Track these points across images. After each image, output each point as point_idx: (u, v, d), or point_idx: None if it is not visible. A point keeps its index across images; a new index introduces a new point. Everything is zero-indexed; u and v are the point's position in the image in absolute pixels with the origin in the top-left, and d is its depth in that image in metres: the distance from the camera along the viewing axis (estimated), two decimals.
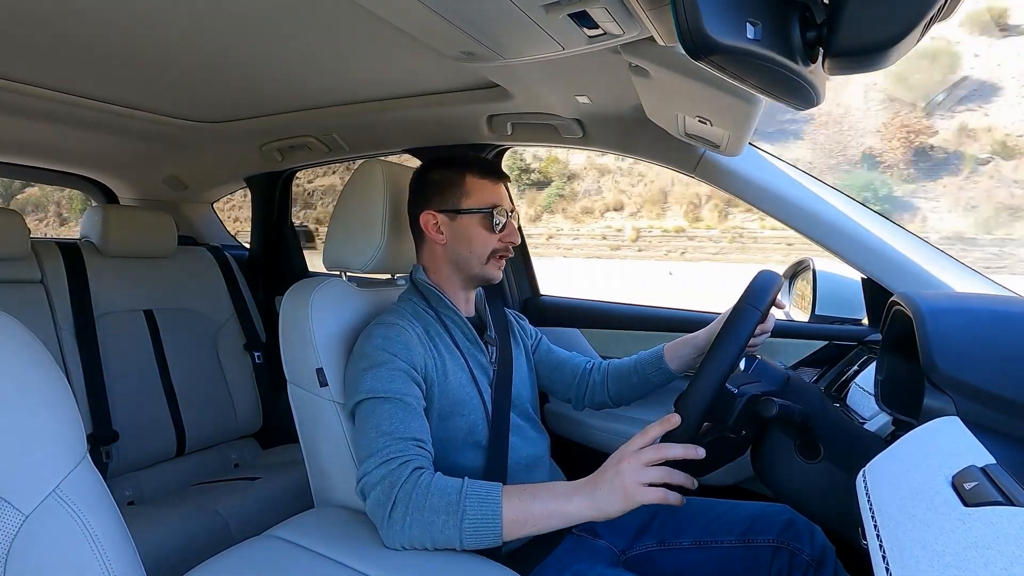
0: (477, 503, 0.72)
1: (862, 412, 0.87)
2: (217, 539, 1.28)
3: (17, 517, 0.54)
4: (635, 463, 0.73)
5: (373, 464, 0.78)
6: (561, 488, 0.75)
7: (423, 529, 0.73)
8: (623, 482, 0.72)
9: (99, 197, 2.19)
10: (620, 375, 1.12)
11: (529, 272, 1.70)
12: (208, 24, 0.96)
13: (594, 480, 0.74)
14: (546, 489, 0.75)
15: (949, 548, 0.36)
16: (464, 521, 0.71)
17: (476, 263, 0.99)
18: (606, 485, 0.73)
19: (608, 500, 0.72)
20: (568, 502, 0.74)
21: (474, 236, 0.98)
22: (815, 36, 0.50)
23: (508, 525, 0.72)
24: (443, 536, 0.73)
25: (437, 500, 0.73)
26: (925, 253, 1.08)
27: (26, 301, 1.46)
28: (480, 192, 0.99)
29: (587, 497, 0.73)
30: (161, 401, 1.61)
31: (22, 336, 0.60)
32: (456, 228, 0.99)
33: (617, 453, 0.75)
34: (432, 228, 1.00)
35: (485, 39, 0.86)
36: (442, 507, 0.72)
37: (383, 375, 0.85)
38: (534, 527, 0.74)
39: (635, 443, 0.75)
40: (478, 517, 0.72)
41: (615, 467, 0.73)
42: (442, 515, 0.72)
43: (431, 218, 1.00)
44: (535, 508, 0.73)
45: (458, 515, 0.72)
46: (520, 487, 0.76)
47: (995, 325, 0.62)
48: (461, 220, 0.99)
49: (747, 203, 1.18)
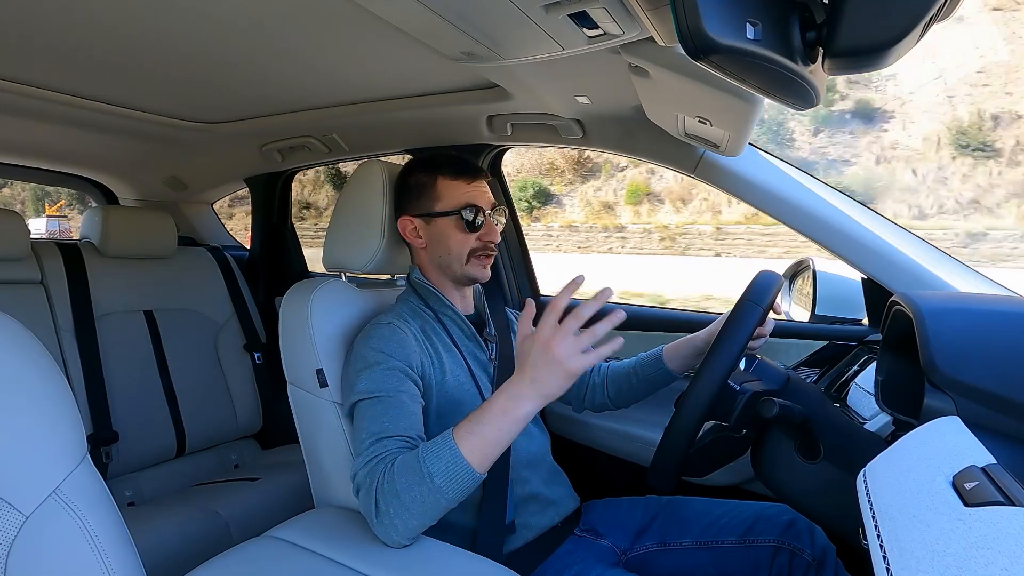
0: (436, 459, 0.72)
1: (862, 412, 0.87)
2: (217, 539, 1.28)
3: (17, 518, 0.54)
4: (562, 336, 0.71)
5: (359, 465, 0.78)
6: (503, 400, 0.74)
7: (405, 511, 0.72)
8: (557, 357, 0.71)
9: (99, 197, 2.19)
10: (619, 377, 1.11)
11: (529, 272, 1.70)
12: (208, 24, 0.96)
13: (527, 372, 0.73)
14: (493, 409, 0.74)
15: (950, 548, 0.36)
16: (435, 480, 0.71)
17: (456, 264, 0.99)
18: (543, 369, 0.72)
19: (550, 382, 0.72)
20: (516, 407, 0.73)
21: (450, 238, 0.98)
22: (815, 36, 0.50)
23: (476, 460, 0.72)
24: (427, 506, 0.72)
25: (403, 478, 0.73)
26: (925, 253, 1.08)
27: (26, 302, 1.46)
28: (452, 193, 0.99)
29: (530, 391, 0.73)
30: (161, 402, 1.61)
31: (22, 337, 0.60)
32: (432, 232, 1.00)
33: (533, 337, 0.73)
34: (411, 233, 1.01)
35: (485, 39, 0.86)
36: (411, 482, 0.72)
37: (377, 375, 0.85)
38: (500, 446, 0.74)
39: (549, 320, 0.73)
40: (444, 470, 0.71)
41: (543, 349, 0.71)
42: (414, 488, 0.72)
43: (408, 223, 1.01)
44: (489, 432, 0.73)
45: (427, 479, 0.71)
46: (469, 419, 0.75)
47: (995, 325, 0.62)
48: (436, 223, 0.99)
49: (747, 203, 1.18)
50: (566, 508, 1.01)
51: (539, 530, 0.95)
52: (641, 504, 1.06)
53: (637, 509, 1.05)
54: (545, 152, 18.25)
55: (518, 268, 1.68)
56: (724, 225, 16.04)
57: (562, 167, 19.78)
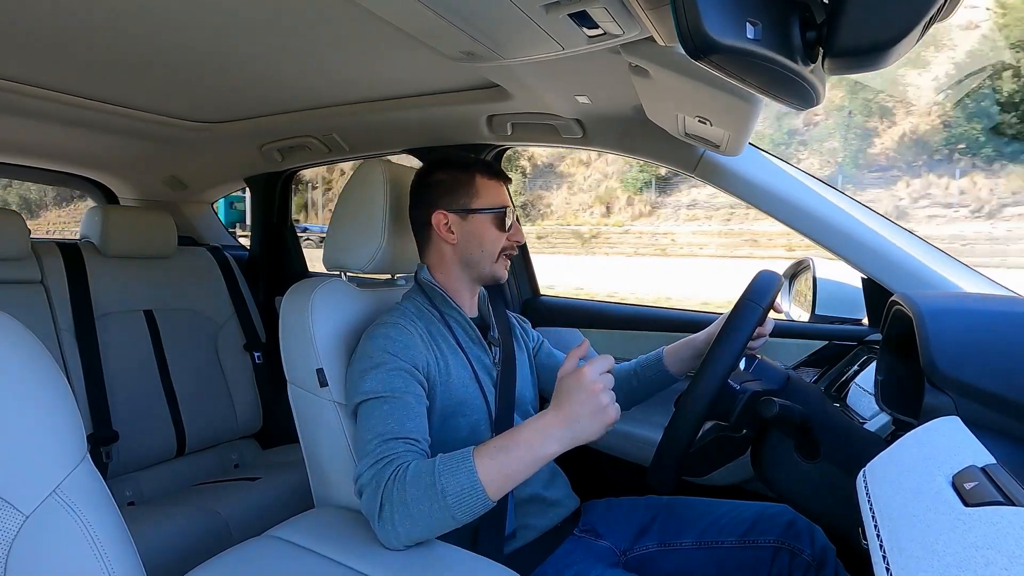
0: (452, 479, 0.71)
1: (862, 412, 0.87)
2: (217, 539, 1.28)
3: (17, 518, 0.54)
4: (601, 387, 0.73)
5: (364, 466, 0.78)
6: (534, 435, 0.73)
7: (411, 521, 0.72)
8: (602, 404, 0.72)
9: (99, 197, 2.19)
10: (620, 380, 1.11)
11: (529, 273, 1.70)
12: (208, 24, 0.96)
13: (566, 411, 0.73)
14: (519, 440, 0.73)
15: (949, 548, 0.36)
16: (447, 498, 0.71)
17: (487, 262, 1.00)
18: (585, 413, 0.72)
19: (588, 427, 0.73)
20: (544, 446, 0.73)
21: (485, 235, 0.99)
22: (815, 36, 0.50)
23: (491, 487, 0.72)
24: (432, 520, 0.72)
25: (414, 489, 0.72)
26: (925, 253, 1.08)
27: (26, 302, 1.46)
28: (489, 192, 1.00)
29: (564, 431, 0.73)
30: (161, 401, 1.61)
31: (22, 337, 0.60)
32: (467, 228, 0.99)
33: (578, 376, 0.74)
34: (444, 228, 1.00)
35: (485, 39, 0.86)
36: (421, 494, 0.71)
37: (383, 375, 0.85)
38: (518, 479, 0.74)
39: (601, 367, 0.74)
40: (459, 492, 0.71)
41: (590, 393, 0.72)
42: (424, 502, 0.71)
43: (443, 218, 1.00)
44: (511, 464, 0.72)
45: (438, 496, 0.71)
46: (493, 444, 0.74)
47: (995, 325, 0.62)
48: (473, 219, 0.99)
49: (747, 203, 1.18)
50: (566, 508, 1.01)
51: (539, 531, 0.95)
52: (641, 504, 1.06)
53: (637, 509, 1.05)
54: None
55: (518, 269, 1.68)
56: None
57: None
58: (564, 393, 0.74)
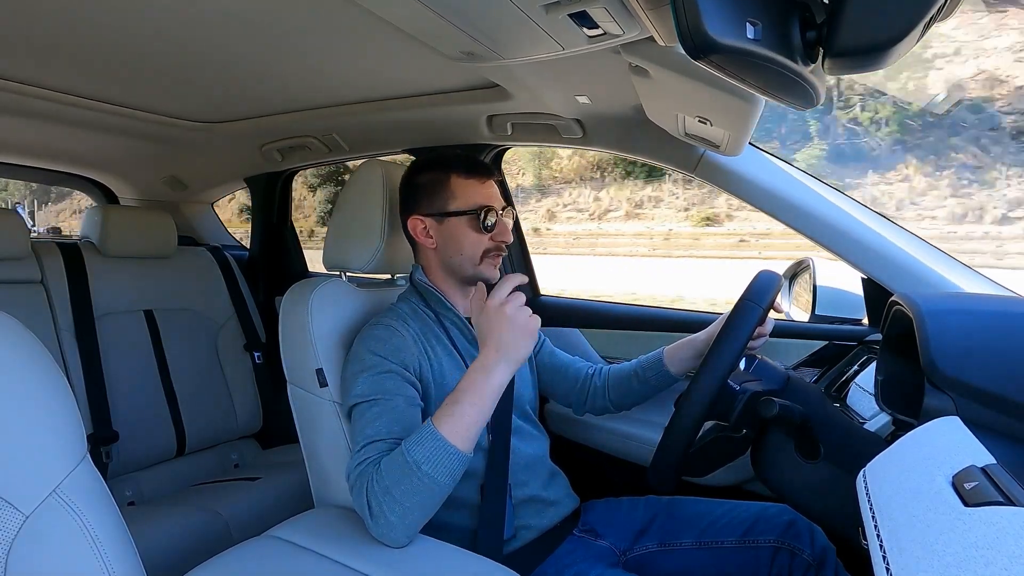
0: (419, 447, 0.73)
1: (862, 412, 0.87)
2: (217, 539, 1.28)
3: (17, 517, 0.54)
4: (515, 306, 0.78)
5: (349, 468, 0.79)
6: (474, 375, 0.78)
7: (398, 506, 0.73)
8: (518, 321, 0.77)
9: (99, 197, 2.19)
10: (620, 380, 1.11)
11: (529, 273, 1.70)
12: (208, 24, 0.96)
13: (492, 342, 0.78)
14: (464, 388, 0.77)
15: (949, 548, 0.36)
16: (422, 468, 0.72)
17: (468, 265, 0.98)
18: (507, 334, 0.77)
19: (516, 344, 0.77)
20: (488, 379, 0.77)
21: (463, 238, 0.96)
22: (815, 36, 0.50)
23: (457, 439, 0.74)
24: (420, 496, 0.73)
25: (391, 475, 0.73)
26: (925, 253, 1.08)
27: (26, 301, 1.46)
28: (466, 192, 0.97)
29: (498, 358, 0.77)
30: (161, 401, 1.61)
31: (22, 336, 0.60)
32: (445, 231, 0.98)
33: (488, 312, 0.79)
34: (421, 233, 0.99)
35: (485, 39, 0.86)
36: (399, 476, 0.73)
37: (373, 378, 0.85)
38: (480, 421, 0.77)
39: (504, 288, 0.80)
40: (429, 456, 0.73)
41: (502, 319, 0.77)
42: (404, 482, 0.73)
43: (419, 223, 0.99)
44: (467, 410, 0.76)
45: (414, 470, 0.72)
46: (443, 405, 0.77)
47: (995, 325, 0.62)
48: (449, 223, 0.97)
49: (747, 203, 1.18)
50: (565, 508, 1.01)
51: (539, 530, 0.95)
52: (641, 504, 1.06)
53: (637, 509, 1.05)
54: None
55: (518, 267, 1.68)
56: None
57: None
58: (482, 329, 0.80)
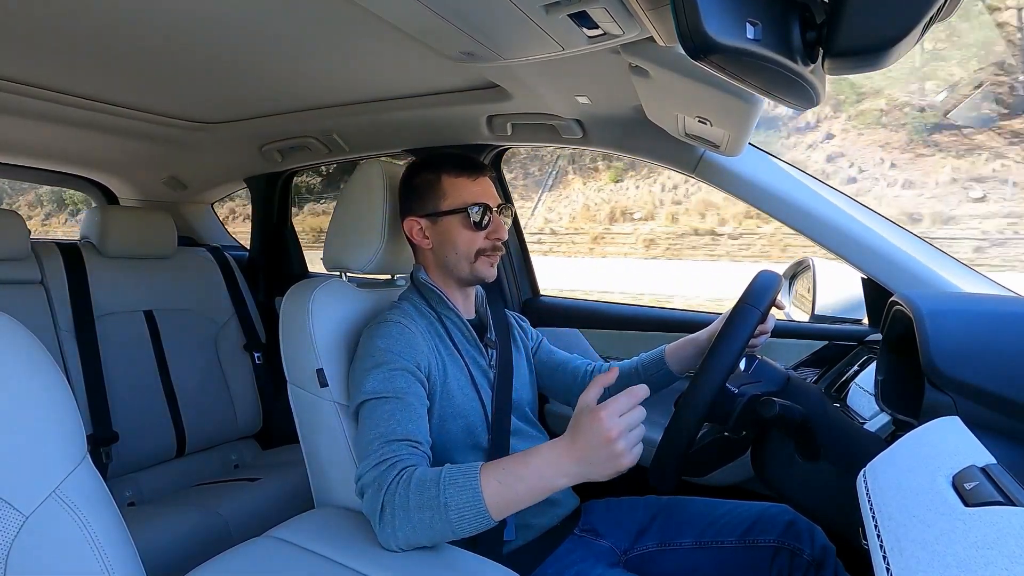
0: (457, 495, 0.70)
1: (862, 412, 0.87)
2: (217, 539, 1.28)
3: (17, 518, 0.54)
4: (625, 428, 0.68)
5: (366, 467, 0.78)
6: (543, 464, 0.71)
7: (412, 528, 0.72)
8: (617, 451, 0.67)
9: (99, 197, 2.19)
10: (621, 379, 1.11)
11: (529, 272, 1.70)
12: (209, 24, 0.96)
13: (580, 451, 0.69)
14: (530, 467, 0.71)
15: (949, 548, 0.36)
16: (449, 512, 0.70)
17: (464, 264, 0.98)
18: (598, 457, 0.68)
19: (599, 470, 0.69)
20: (554, 479, 0.70)
21: (457, 237, 0.97)
22: (815, 36, 0.50)
23: (494, 508, 0.70)
24: (434, 531, 0.71)
25: (417, 497, 0.71)
26: (926, 253, 1.08)
27: (26, 302, 1.46)
28: (457, 191, 0.97)
29: (575, 469, 0.69)
30: (161, 402, 1.61)
31: (22, 337, 0.60)
32: (439, 231, 0.98)
33: (597, 424, 0.68)
34: (417, 234, 1.00)
35: (485, 39, 0.86)
36: (425, 503, 0.71)
37: (385, 375, 0.85)
38: (523, 505, 0.71)
39: (619, 407, 0.69)
40: (461, 508, 0.70)
41: (605, 439, 0.67)
42: (427, 511, 0.71)
43: (415, 224, 0.99)
44: (518, 491, 0.70)
45: (441, 508, 0.70)
46: (502, 466, 0.72)
47: (995, 325, 0.62)
48: (442, 222, 0.97)
49: (747, 203, 1.18)
50: (566, 508, 1.01)
51: (539, 530, 0.95)
52: (641, 504, 1.06)
53: (637, 509, 1.05)
54: None
55: (518, 269, 1.68)
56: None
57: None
58: (580, 429, 0.70)
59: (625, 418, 0.68)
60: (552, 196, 13.24)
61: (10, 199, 18.51)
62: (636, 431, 0.69)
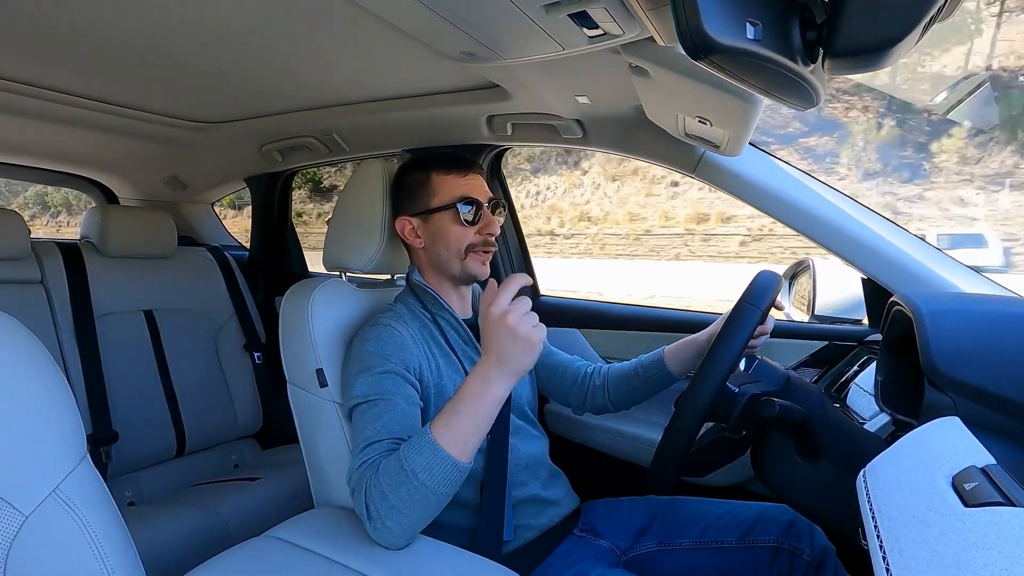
0: (417, 456, 0.72)
1: (862, 412, 0.87)
2: (217, 539, 1.28)
3: (17, 517, 0.54)
4: (518, 316, 0.73)
5: (351, 470, 0.79)
6: (474, 384, 0.75)
7: (397, 512, 0.72)
8: (521, 332, 0.72)
9: (99, 197, 2.20)
10: (620, 379, 1.11)
11: (529, 272, 1.70)
12: (208, 24, 0.96)
13: (496, 354, 0.74)
14: (464, 396, 0.75)
15: (949, 548, 0.36)
16: (419, 476, 0.71)
17: (454, 261, 0.98)
18: (508, 346, 0.73)
19: (518, 358, 0.73)
20: (488, 390, 0.74)
21: (448, 233, 0.97)
22: (815, 36, 0.50)
23: (457, 450, 0.73)
24: (417, 504, 0.72)
25: (388, 480, 0.73)
26: (925, 253, 1.08)
27: (26, 301, 1.46)
28: (446, 188, 0.98)
29: (502, 372, 0.74)
30: (161, 401, 1.61)
31: (22, 337, 0.60)
32: (430, 229, 0.99)
33: (489, 320, 0.74)
34: (409, 233, 1.00)
35: (485, 39, 0.86)
36: (396, 482, 0.72)
37: (372, 379, 0.85)
38: (480, 431, 0.75)
39: (499, 303, 0.74)
40: (427, 466, 0.71)
41: (504, 330, 0.73)
42: (402, 488, 0.72)
43: (406, 223, 1.00)
44: (465, 421, 0.73)
45: (411, 476, 0.71)
46: (442, 413, 0.75)
47: (995, 325, 0.62)
48: (432, 220, 0.98)
49: (747, 203, 1.18)
50: (565, 508, 1.01)
51: (539, 530, 0.95)
52: (641, 504, 1.06)
53: (637, 509, 1.05)
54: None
55: (518, 268, 1.68)
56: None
57: None
58: (485, 335, 0.75)
59: (514, 305, 0.74)
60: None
61: (5, 200, 18.64)
62: (529, 314, 0.74)
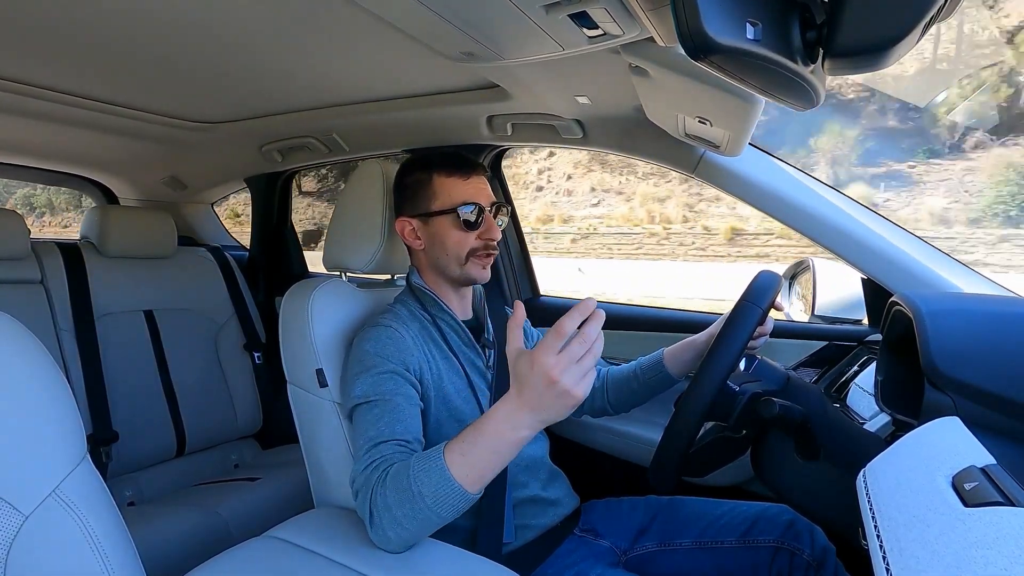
0: (426, 479, 0.69)
1: (862, 412, 0.87)
2: (217, 539, 1.28)
3: (17, 518, 0.54)
4: (567, 364, 0.64)
5: (356, 471, 0.78)
6: (498, 423, 0.69)
7: (399, 525, 0.71)
8: (563, 388, 0.64)
9: (99, 197, 2.20)
10: (619, 381, 1.11)
11: (529, 273, 1.70)
12: (208, 24, 0.96)
13: (527, 400, 0.67)
14: (487, 431, 0.69)
15: (949, 548, 0.36)
16: (425, 500, 0.69)
17: (454, 265, 0.96)
18: (547, 399, 0.66)
19: (554, 412, 0.67)
20: (514, 433, 0.68)
21: (448, 237, 0.95)
22: (815, 36, 0.50)
23: (467, 482, 0.69)
24: (419, 522, 0.71)
25: (394, 494, 0.71)
26: (925, 253, 1.08)
27: (26, 301, 1.46)
28: (448, 191, 0.96)
29: (531, 418, 0.67)
30: (161, 401, 1.61)
31: (22, 337, 0.60)
32: (430, 231, 0.97)
33: (531, 358, 0.66)
34: (409, 235, 0.99)
35: (485, 39, 0.86)
36: (402, 498, 0.71)
37: (372, 379, 0.85)
38: (494, 469, 0.70)
39: (552, 346, 0.65)
40: (434, 492, 0.69)
41: (546, 379, 0.64)
42: (406, 505, 0.70)
43: (406, 224, 0.99)
44: (482, 456, 0.69)
45: (417, 497, 0.70)
46: (462, 439, 0.70)
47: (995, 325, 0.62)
48: (433, 222, 0.96)
49: (747, 204, 1.18)
50: (566, 508, 1.01)
51: (539, 530, 0.95)
52: (641, 504, 1.06)
53: (637, 509, 1.05)
54: None
55: (518, 269, 1.68)
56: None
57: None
58: (520, 378, 0.67)
59: (564, 354, 0.65)
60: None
61: (2, 201, 18.80)
62: (579, 364, 0.65)
